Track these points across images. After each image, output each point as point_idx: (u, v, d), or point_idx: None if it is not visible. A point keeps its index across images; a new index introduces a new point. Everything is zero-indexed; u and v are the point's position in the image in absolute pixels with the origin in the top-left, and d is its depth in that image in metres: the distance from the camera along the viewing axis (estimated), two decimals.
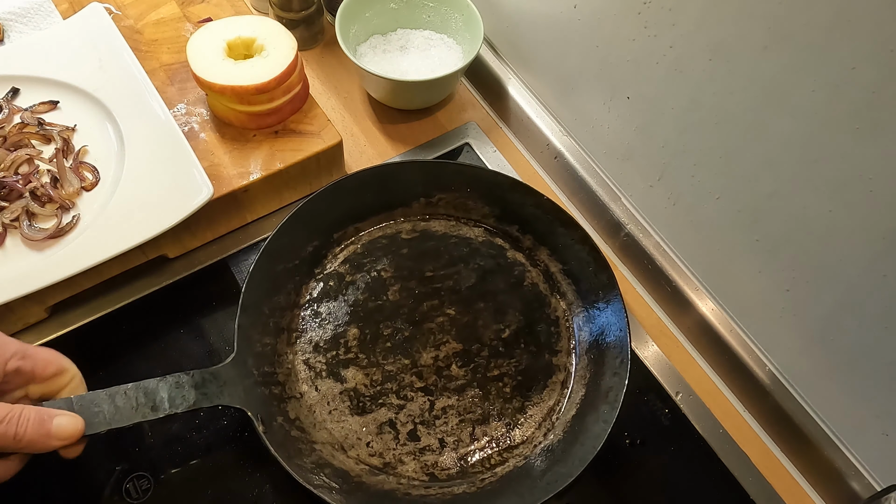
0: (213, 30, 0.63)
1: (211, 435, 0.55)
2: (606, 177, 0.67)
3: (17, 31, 0.71)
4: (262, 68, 0.61)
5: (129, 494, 0.52)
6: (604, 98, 0.62)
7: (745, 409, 0.61)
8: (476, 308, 0.61)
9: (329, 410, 0.55)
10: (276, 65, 0.61)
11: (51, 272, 0.52)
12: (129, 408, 0.47)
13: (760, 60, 0.45)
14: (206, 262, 0.63)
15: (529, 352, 0.59)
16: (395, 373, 0.57)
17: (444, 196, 0.65)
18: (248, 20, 0.64)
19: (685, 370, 0.62)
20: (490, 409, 0.56)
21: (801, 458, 0.58)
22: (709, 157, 0.54)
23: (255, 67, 0.61)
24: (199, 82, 0.61)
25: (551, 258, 0.63)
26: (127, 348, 0.59)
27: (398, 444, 0.54)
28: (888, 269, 0.44)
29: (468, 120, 0.74)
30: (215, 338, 0.60)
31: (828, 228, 0.47)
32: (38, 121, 0.60)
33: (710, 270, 0.61)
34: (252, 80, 0.60)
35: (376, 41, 0.74)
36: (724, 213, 0.55)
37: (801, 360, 0.56)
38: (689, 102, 0.53)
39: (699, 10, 0.48)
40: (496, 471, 0.54)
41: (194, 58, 0.61)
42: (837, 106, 0.42)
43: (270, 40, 0.63)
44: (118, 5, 0.72)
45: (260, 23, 0.64)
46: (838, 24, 0.39)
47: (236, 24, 0.64)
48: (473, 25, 0.70)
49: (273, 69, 0.61)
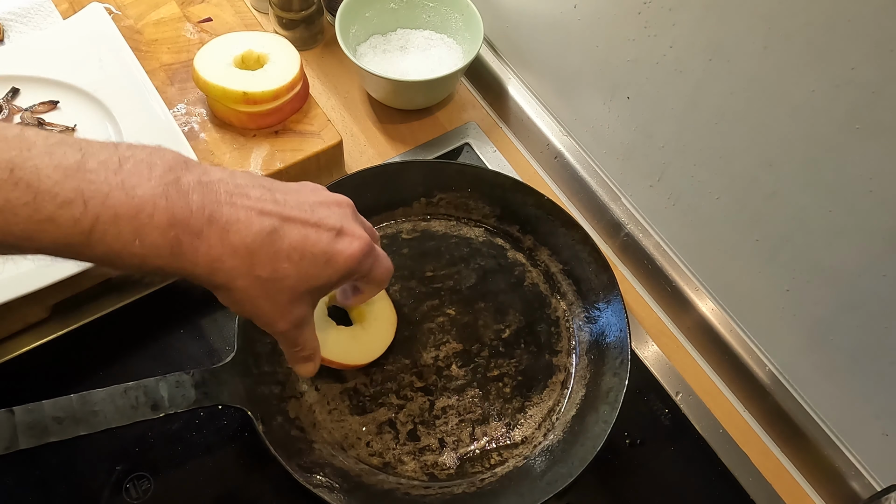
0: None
1: (211, 435, 0.55)
2: (606, 177, 0.67)
3: (17, 31, 0.71)
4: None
5: (129, 494, 0.52)
6: (604, 98, 0.62)
7: (745, 409, 0.61)
8: (476, 308, 0.61)
9: (329, 410, 0.55)
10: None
11: (51, 272, 0.52)
12: (129, 407, 0.47)
13: (760, 60, 0.45)
14: None
15: (530, 352, 0.59)
16: (395, 372, 0.57)
17: (445, 196, 0.65)
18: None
19: (685, 370, 0.62)
20: (490, 409, 0.56)
21: (801, 458, 0.58)
22: (709, 157, 0.54)
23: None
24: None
25: (552, 258, 0.63)
26: (127, 348, 0.59)
27: (398, 444, 0.54)
28: (888, 269, 0.44)
29: (468, 120, 0.74)
30: (215, 338, 0.60)
31: (828, 228, 0.47)
32: (38, 121, 0.60)
33: (710, 270, 0.61)
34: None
35: (376, 41, 0.74)
36: (724, 213, 0.55)
37: (801, 360, 0.56)
38: (689, 102, 0.53)
39: (699, 10, 0.48)
40: (496, 471, 0.54)
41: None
42: (837, 106, 0.42)
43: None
44: (118, 5, 0.72)
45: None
46: (838, 24, 0.39)
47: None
48: (473, 25, 0.70)
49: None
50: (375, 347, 0.57)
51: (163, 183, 0.33)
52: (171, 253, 0.34)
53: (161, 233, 0.33)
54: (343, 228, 0.40)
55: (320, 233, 0.39)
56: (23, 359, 0.57)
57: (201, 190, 0.35)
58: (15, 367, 0.56)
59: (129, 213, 0.32)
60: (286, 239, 0.37)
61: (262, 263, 0.37)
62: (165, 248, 0.33)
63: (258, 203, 0.37)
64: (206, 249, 0.35)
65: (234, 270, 0.36)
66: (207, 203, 0.35)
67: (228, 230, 0.35)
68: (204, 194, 0.35)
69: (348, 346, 0.55)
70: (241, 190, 0.36)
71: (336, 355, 0.54)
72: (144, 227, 0.32)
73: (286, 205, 0.38)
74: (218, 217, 0.35)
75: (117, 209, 0.32)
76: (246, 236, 0.36)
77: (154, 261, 0.34)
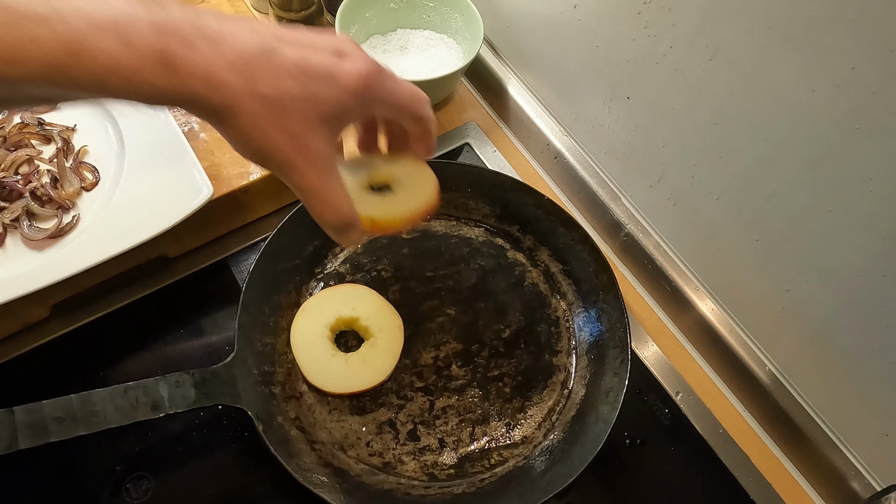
0: None
1: (211, 435, 0.55)
2: (606, 177, 0.67)
3: None
4: None
5: (129, 494, 0.52)
6: (604, 98, 0.62)
7: (745, 409, 0.61)
8: (476, 308, 0.61)
9: (329, 410, 0.55)
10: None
11: (51, 272, 0.52)
12: (129, 407, 0.47)
13: (760, 60, 0.45)
14: (206, 262, 0.63)
15: (530, 352, 0.59)
16: (395, 372, 0.57)
17: (445, 196, 0.64)
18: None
19: (685, 370, 0.62)
20: (490, 409, 0.56)
21: (801, 458, 0.58)
22: (709, 157, 0.54)
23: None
24: None
25: (552, 258, 0.63)
26: (127, 348, 0.59)
27: (398, 444, 0.54)
28: (888, 269, 0.44)
29: (468, 120, 0.74)
30: (215, 338, 0.60)
31: (828, 228, 0.47)
32: (38, 121, 0.60)
33: (710, 270, 0.61)
34: None
35: (376, 41, 0.74)
36: (724, 213, 0.55)
37: (801, 360, 0.56)
38: (689, 102, 0.53)
39: (699, 10, 0.48)
40: (496, 471, 0.54)
41: None
42: (837, 106, 0.42)
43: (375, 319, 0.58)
44: None
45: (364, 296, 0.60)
46: (838, 24, 0.39)
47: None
48: (473, 25, 0.70)
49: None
50: (388, 363, 0.57)
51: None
52: (162, 65, 0.31)
53: (149, 42, 0.31)
54: (344, 50, 0.37)
55: (319, 53, 0.36)
56: (23, 359, 0.57)
57: (182, 7, 0.32)
58: (15, 367, 0.56)
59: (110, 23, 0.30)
60: (284, 57, 0.34)
61: (262, 79, 0.34)
62: (156, 60, 0.31)
63: (247, 23, 0.34)
64: (202, 60, 0.32)
65: (234, 86, 0.33)
66: (192, 17, 0.32)
67: (220, 44, 0.33)
68: (186, 11, 0.32)
69: (358, 369, 0.56)
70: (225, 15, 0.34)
71: (345, 383, 0.55)
72: (129, 34, 0.30)
73: (278, 29, 0.36)
74: (207, 31, 0.32)
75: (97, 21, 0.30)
76: (241, 50, 0.33)
77: (146, 76, 0.31)
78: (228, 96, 0.33)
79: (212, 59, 0.32)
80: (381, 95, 0.38)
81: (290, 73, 0.34)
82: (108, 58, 0.30)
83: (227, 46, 0.33)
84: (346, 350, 0.57)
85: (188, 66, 0.32)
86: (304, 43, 0.36)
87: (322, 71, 0.35)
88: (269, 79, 0.34)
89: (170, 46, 0.31)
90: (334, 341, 0.58)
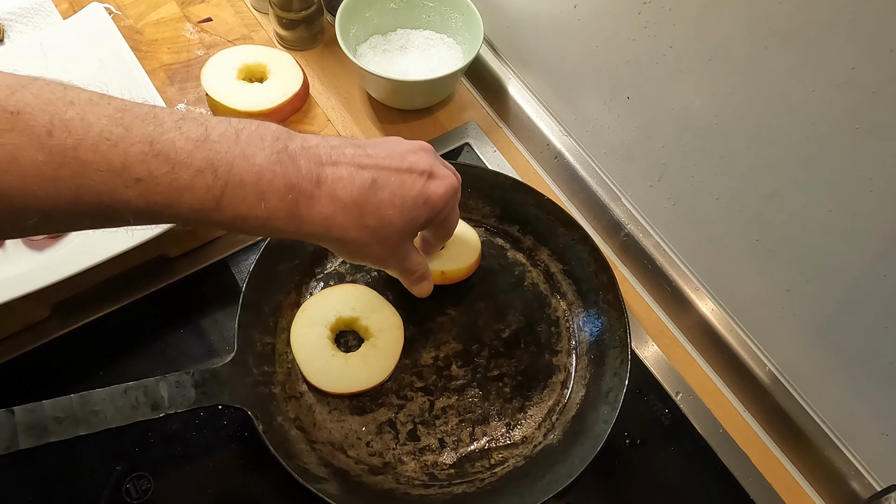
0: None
1: (211, 435, 0.55)
2: (606, 177, 0.67)
3: (17, 31, 0.71)
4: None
5: (129, 494, 0.52)
6: (604, 98, 0.62)
7: (745, 409, 0.61)
8: (476, 308, 0.61)
9: (329, 410, 0.55)
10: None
11: (51, 272, 0.52)
12: (129, 407, 0.47)
13: (760, 60, 0.45)
14: (206, 261, 0.63)
15: (529, 352, 0.59)
16: (395, 372, 0.57)
17: None
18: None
19: (685, 370, 0.62)
20: (490, 409, 0.56)
21: (801, 458, 0.58)
22: (709, 157, 0.54)
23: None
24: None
25: (552, 258, 0.63)
26: (127, 348, 0.59)
27: (398, 444, 0.54)
28: (888, 269, 0.44)
29: (468, 120, 0.74)
30: (215, 338, 0.60)
31: (828, 228, 0.47)
32: None
33: (710, 270, 0.61)
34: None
35: (376, 41, 0.74)
36: (724, 213, 0.55)
37: (801, 360, 0.56)
38: (689, 102, 0.53)
39: (699, 10, 0.48)
40: (496, 471, 0.54)
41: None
42: (837, 106, 0.42)
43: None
44: (118, 5, 0.72)
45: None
46: (838, 24, 0.39)
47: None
48: (473, 25, 0.70)
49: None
50: (388, 363, 0.57)
51: (274, 151, 0.37)
52: (289, 215, 0.38)
53: (280, 196, 0.37)
54: (433, 171, 0.44)
55: (414, 177, 0.43)
56: (23, 359, 0.57)
57: (306, 155, 0.38)
58: (15, 367, 0.56)
59: (252, 180, 0.36)
60: (386, 188, 0.41)
61: (369, 213, 0.41)
62: (284, 211, 0.37)
63: (354, 159, 0.41)
64: (320, 209, 0.39)
65: (346, 224, 0.40)
66: (313, 166, 0.39)
67: (335, 189, 0.39)
68: (309, 159, 0.39)
69: (358, 369, 0.56)
70: (337, 151, 0.40)
71: (345, 383, 0.55)
72: (266, 192, 0.36)
73: (378, 157, 0.42)
74: (324, 178, 0.39)
75: (242, 176, 0.35)
76: (352, 191, 0.40)
77: (274, 223, 0.38)
78: (342, 232, 0.40)
79: (328, 207, 0.39)
80: (448, 210, 0.47)
81: (391, 204, 0.42)
82: (247, 209, 0.36)
83: (341, 189, 0.39)
84: (346, 350, 0.57)
85: (311, 217, 0.39)
86: (402, 168, 0.43)
87: (417, 197, 0.43)
88: (375, 212, 0.41)
89: (297, 199, 0.38)
90: (334, 341, 0.58)
